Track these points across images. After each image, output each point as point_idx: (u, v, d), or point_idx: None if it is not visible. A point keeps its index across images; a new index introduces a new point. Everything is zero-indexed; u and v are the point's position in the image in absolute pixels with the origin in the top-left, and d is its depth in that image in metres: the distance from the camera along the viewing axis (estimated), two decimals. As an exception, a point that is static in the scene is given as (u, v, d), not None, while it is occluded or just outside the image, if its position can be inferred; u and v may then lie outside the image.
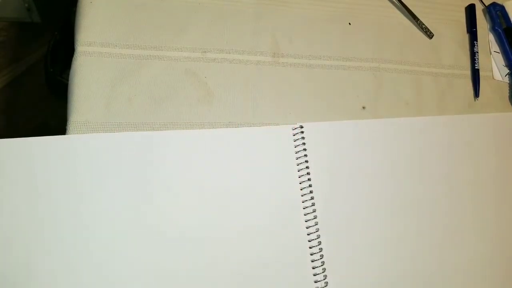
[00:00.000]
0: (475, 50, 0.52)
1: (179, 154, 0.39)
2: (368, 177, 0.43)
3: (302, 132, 0.42)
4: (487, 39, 0.54)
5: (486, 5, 0.55)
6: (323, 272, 0.38)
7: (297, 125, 0.42)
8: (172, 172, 0.38)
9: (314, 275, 0.38)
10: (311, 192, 0.40)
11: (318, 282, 0.38)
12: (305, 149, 0.41)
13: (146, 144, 0.38)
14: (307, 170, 0.41)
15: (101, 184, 0.37)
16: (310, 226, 0.39)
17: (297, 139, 0.42)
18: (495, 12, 0.54)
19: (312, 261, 0.39)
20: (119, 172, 0.37)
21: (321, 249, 0.39)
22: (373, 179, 0.43)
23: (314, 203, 0.40)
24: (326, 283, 0.38)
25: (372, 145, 0.44)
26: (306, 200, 0.40)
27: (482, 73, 0.51)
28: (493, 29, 0.54)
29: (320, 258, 0.39)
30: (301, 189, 0.40)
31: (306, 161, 0.41)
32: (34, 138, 0.37)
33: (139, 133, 0.39)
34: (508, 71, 0.53)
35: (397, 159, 0.44)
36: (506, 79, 0.52)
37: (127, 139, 0.38)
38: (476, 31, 0.53)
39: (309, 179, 0.41)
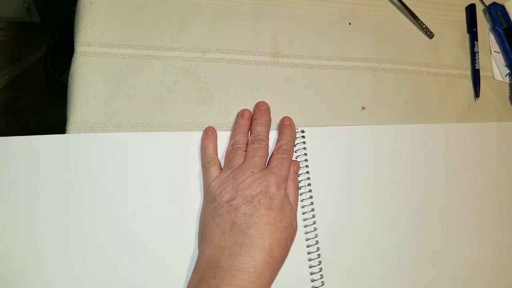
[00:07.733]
0: (476, 50, 0.52)
1: (179, 155, 0.39)
2: (369, 183, 0.42)
3: (303, 137, 0.42)
4: (487, 39, 0.54)
5: (487, 5, 0.55)
6: (319, 271, 0.38)
7: (298, 130, 0.42)
8: (171, 172, 0.38)
9: (311, 274, 0.38)
10: (311, 197, 0.40)
11: (315, 281, 0.38)
12: (305, 154, 0.41)
13: (146, 145, 0.38)
14: (307, 175, 0.41)
15: (100, 184, 0.37)
16: (308, 232, 0.39)
17: (297, 143, 0.41)
18: (496, 12, 0.54)
19: (309, 262, 0.38)
20: (118, 172, 0.37)
21: (319, 255, 0.39)
22: (375, 185, 0.42)
23: (313, 209, 0.40)
24: (322, 282, 0.38)
25: (375, 151, 0.43)
26: (306, 205, 0.40)
27: (482, 73, 0.51)
28: (494, 29, 0.54)
29: (318, 259, 0.39)
30: (300, 194, 0.40)
31: (307, 166, 0.41)
32: (34, 137, 0.37)
33: (138, 133, 0.39)
34: (509, 71, 0.52)
35: (399, 165, 0.44)
36: (507, 79, 0.52)
37: (126, 139, 0.38)
38: (476, 31, 0.53)
39: (309, 184, 0.40)
